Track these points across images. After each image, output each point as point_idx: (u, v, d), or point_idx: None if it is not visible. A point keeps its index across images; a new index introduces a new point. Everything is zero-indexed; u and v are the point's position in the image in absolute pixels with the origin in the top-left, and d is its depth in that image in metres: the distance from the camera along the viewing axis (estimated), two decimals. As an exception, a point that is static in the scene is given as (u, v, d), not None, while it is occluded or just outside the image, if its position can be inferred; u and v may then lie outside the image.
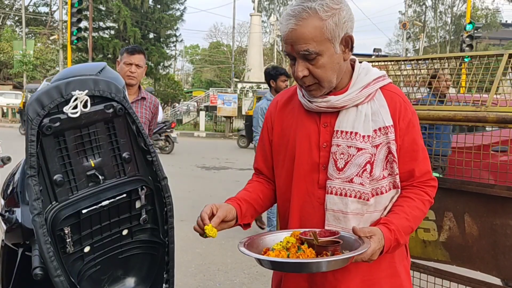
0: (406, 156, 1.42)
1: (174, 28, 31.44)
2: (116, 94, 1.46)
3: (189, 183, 8.92)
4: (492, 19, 44.23)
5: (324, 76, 1.36)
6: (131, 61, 3.20)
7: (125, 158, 1.51)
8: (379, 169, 1.40)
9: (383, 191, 1.40)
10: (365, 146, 1.39)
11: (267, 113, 1.60)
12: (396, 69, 3.01)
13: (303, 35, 1.31)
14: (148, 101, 3.34)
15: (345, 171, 1.39)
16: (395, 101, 1.43)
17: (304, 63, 1.35)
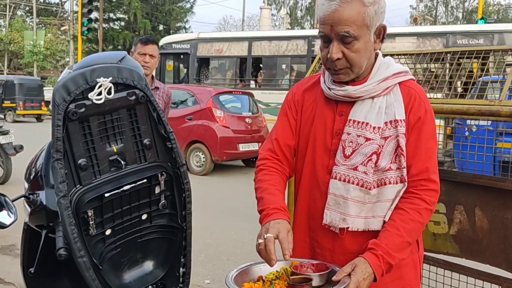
0: (407, 152, 1.42)
1: (184, 20, 31.50)
2: (139, 82, 1.50)
3: (197, 175, 8.98)
4: (504, 15, 43.73)
5: (357, 61, 1.39)
6: (145, 51, 3.25)
7: (146, 144, 1.55)
8: (386, 161, 1.41)
9: (387, 182, 1.41)
10: (374, 137, 1.41)
11: (291, 95, 1.62)
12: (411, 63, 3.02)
13: (346, 17, 1.34)
14: (161, 90, 3.39)
15: (351, 158, 1.43)
16: (410, 96, 1.44)
17: (339, 46, 1.37)
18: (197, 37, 14.61)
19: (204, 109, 8.87)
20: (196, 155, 8.96)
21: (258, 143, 9.36)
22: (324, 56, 1.43)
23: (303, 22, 44.73)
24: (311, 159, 1.53)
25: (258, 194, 1.50)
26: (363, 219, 1.44)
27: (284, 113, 1.60)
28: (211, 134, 8.78)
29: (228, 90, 10.26)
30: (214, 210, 6.38)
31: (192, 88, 9.59)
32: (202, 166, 8.95)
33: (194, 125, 8.87)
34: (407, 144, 1.42)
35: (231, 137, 8.88)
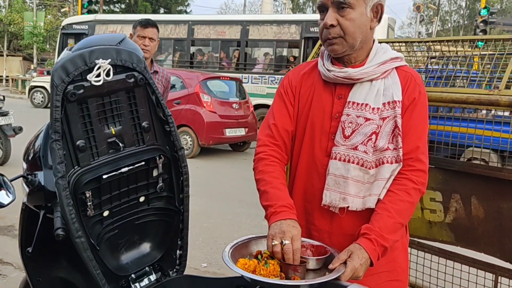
0: (401, 131, 1.45)
1: (185, 4, 31.23)
2: (138, 64, 1.50)
3: (196, 159, 9.01)
4: (508, 5, 43.40)
5: (351, 29, 1.42)
6: (145, 34, 3.23)
7: (144, 127, 1.55)
8: (384, 140, 1.44)
9: (385, 162, 1.44)
10: (373, 117, 1.44)
11: (287, 80, 1.63)
12: (409, 51, 3.01)
13: None
14: (160, 74, 3.39)
15: (351, 138, 1.45)
16: (406, 79, 1.48)
17: (335, 14, 1.42)
18: (95, 19, 15.86)
19: (192, 94, 9.02)
20: (183, 138, 9.09)
21: (245, 129, 9.52)
22: (321, 27, 1.47)
23: (305, 8, 44.38)
24: (309, 143, 1.54)
25: (261, 187, 1.50)
26: (361, 199, 1.47)
27: (281, 99, 1.60)
28: (198, 119, 8.95)
29: (217, 75, 10.40)
30: (211, 194, 6.41)
31: (181, 73, 9.69)
32: (189, 149, 9.07)
33: (182, 109, 9.02)
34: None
35: (218, 122, 9.05)
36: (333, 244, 1.45)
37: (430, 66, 2.86)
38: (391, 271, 1.51)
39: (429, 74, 2.76)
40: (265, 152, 1.56)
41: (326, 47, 1.50)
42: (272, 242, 1.33)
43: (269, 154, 1.55)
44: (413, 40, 2.95)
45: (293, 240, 1.33)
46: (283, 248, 1.31)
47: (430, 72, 2.75)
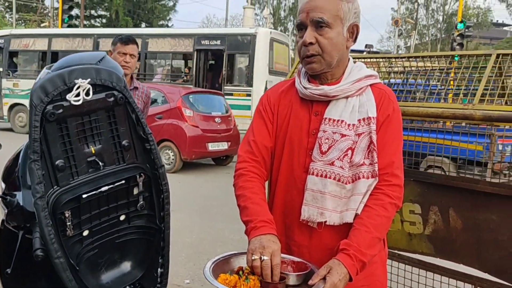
0: (376, 147, 1.49)
1: (166, 18, 31.32)
2: (117, 83, 1.51)
3: (179, 174, 8.97)
4: (483, 18, 44.58)
5: (328, 48, 1.47)
6: (125, 51, 3.23)
7: (125, 145, 1.56)
8: (360, 156, 1.48)
9: (361, 177, 1.47)
10: (349, 134, 1.48)
11: (266, 98, 1.67)
12: (387, 66, 3.08)
13: (321, 4, 1.46)
14: (140, 90, 3.39)
15: (328, 154, 1.49)
16: (381, 96, 1.53)
17: (313, 32, 1.47)
18: (10, 33, 16.43)
19: (174, 108, 9.05)
20: (166, 153, 9.09)
21: (228, 142, 9.57)
22: (299, 45, 1.51)
23: (286, 22, 44.86)
24: (288, 159, 1.57)
25: (241, 203, 1.52)
26: (339, 213, 1.49)
27: (260, 116, 1.63)
28: (180, 133, 8.96)
29: (199, 90, 10.56)
30: (193, 209, 6.38)
31: (162, 87, 9.76)
32: (171, 164, 9.06)
33: (164, 123, 9.04)
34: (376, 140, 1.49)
35: (200, 136, 9.08)
36: (312, 258, 1.47)
37: (392, 80, 2.96)
38: (370, 285, 1.53)
39: (392, 88, 2.84)
40: (245, 168, 1.58)
41: (304, 65, 1.54)
42: (252, 257, 1.35)
43: (249, 170, 1.57)
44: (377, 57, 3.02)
45: (272, 256, 1.34)
46: (261, 264, 1.32)
47: (393, 86, 2.84)
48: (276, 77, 12.97)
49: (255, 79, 12.69)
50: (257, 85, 12.49)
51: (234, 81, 13.38)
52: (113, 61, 1.72)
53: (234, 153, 9.97)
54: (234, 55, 13.35)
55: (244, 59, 13.12)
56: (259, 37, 12.68)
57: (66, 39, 15.53)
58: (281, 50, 13.78)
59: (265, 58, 12.75)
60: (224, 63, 13.27)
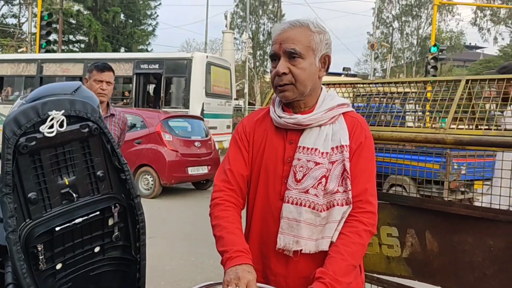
0: (350, 174, 1.51)
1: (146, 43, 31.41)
2: (92, 114, 1.51)
3: (158, 200, 8.89)
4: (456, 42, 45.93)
5: (301, 77, 1.50)
6: (102, 78, 3.22)
7: (99, 176, 1.55)
8: (334, 183, 1.50)
9: (335, 204, 1.49)
10: (323, 162, 1.50)
11: (241, 126, 1.69)
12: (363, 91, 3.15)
13: (293, 36, 1.50)
14: (117, 117, 3.37)
15: (303, 182, 1.51)
16: (353, 124, 1.57)
17: (286, 62, 1.51)
18: None
19: (153, 133, 9.01)
20: (145, 178, 9.02)
21: (208, 166, 9.54)
22: (273, 75, 1.55)
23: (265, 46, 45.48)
24: (264, 187, 1.59)
25: (217, 233, 1.52)
26: (314, 241, 1.50)
27: (236, 145, 1.65)
28: (160, 158, 8.89)
29: (178, 114, 10.53)
30: (173, 235, 6.31)
31: (142, 112, 9.73)
32: (150, 189, 8.99)
33: (143, 148, 8.98)
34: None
35: (180, 160, 9.01)
36: (289, 287, 1.47)
37: (355, 104, 3.05)
38: None
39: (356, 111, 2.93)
40: (220, 197, 1.58)
41: (278, 93, 1.57)
42: (227, 287, 1.34)
43: (224, 200, 1.58)
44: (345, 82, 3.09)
45: (247, 286, 1.34)
46: None
47: (356, 110, 2.93)
48: (214, 99, 13.46)
49: (191, 101, 13.04)
50: (194, 107, 12.84)
51: (172, 103, 13.67)
52: (88, 91, 1.72)
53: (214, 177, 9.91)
54: (171, 78, 13.81)
55: (181, 82, 13.53)
56: (195, 61, 13.15)
57: (11, 64, 15.97)
58: (220, 73, 14.26)
59: (201, 81, 13.12)
60: (162, 86, 13.69)
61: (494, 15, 41.20)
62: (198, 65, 13.06)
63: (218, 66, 14.11)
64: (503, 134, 2.23)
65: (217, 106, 13.69)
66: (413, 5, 45.14)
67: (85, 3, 27.88)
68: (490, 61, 45.78)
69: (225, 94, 14.34)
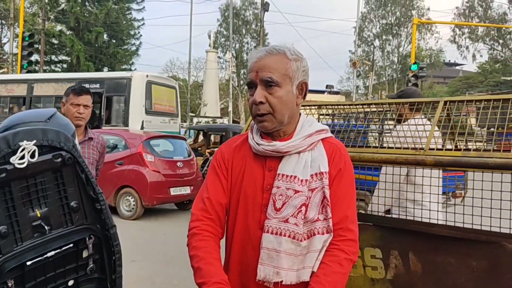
0: (330, 201, 1.49)
1: (129, 62, 31.38)
2: (65, 143, 1.47)
3: (140, 221, 8.77)
4: (436, 59, 46.88)
5: (279, 106, 1.49)
6: (79, 101, 3.16)
7: (73, 207, 1.50)
8: (314, 212, 1.48)
9: (316, 233, 1.47)
10: (302, 189, 1.48)
11: (220, 153, 1.66)
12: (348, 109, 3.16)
13: (270, 64, 1.48)
14: (95, 141, 3.31)
15: (282, 211, 1.48)
16: (332, 150, 1.55)
17: (263, 91, 1.49)
18: None
19: (135, 154, 8.93)
20: (126, 200, 8.92)
21: (190, 187, 9.48)
22: (250, 103, 1.53)
23: (248, 64, 45.77)
24: (243, 216, 1.56)
25: (195, 264, 1.49)
26: (295, 272, 1.47)
27: (214, 172, 1.62)
28: (141, 179, 8.79)
29: (160, 134, 10.49)
30: (156, 257, 6.21)
31: (123, 133, 9.68)
32: (132, 210, 8.87)
33: (125, 169, 8.89)
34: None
35: (162, 181, 8.93)
36: None
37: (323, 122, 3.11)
38: None
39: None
40: (198, 227, 1.55)
41: (256, 123, 1.56)
42: None
43: (202, 229, 1.54)
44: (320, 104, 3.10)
45: None
46: None
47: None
48: (155, 117, 13.78)
49: (130, 119, 13.30)
50: (133, 125, 13.08)
51: (112, 121, 13.86)
52: (63, 118, 1.69)
53: (197, 197, 9.86)
54: (112, 97, 14.06)
55: (121, 101, 13.86)
56: (134, 80, 13.55)
57: None
58: (163, 92, 14.65)
59: (140, 99, 13.42)
60: (103, 105, 13.96)
61: (472, 33, 42.23)
62: (138, 84, 13.47)
63: (160, 85, 14.50)
64: (482, 155, 2.25)
65: (159, 124, 13.93)
66: (393, 24, 46.08)
67: (68, 24, 27.82)
68: (469, 78, 46.79)
69: (169, 112, 14.71)
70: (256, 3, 42.20)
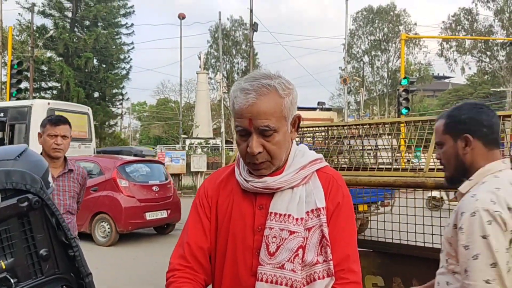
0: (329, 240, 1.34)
1: (120, 86, 31.34)
2: (32, 185, 1.32)
3: (116, 247, 8.63)
4: (425, 73, 47.37)
5: (277, 153, 1.33)
6: (56, 132, 3.00)
7: (43, 255, 1.35)
8: (312, 254, 1.32)
9: (316, 278, 1.31)
10: (298, 229, 1.32)
11: (202, 189, 1.50)
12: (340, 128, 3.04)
13: (264, 110, 1.29)
14: (75, 172, 3.15)
15: (277, 256, 1.32)
16: (328, 181, 1.40)
17: (259, 139, 1.31)
18: None
19: (109, 180, 8.89)
20: (101, 226, 8.84)
21: (167, 210, 9.42)
22: (243, 150, 1.35)
23: (239, 84, 45.85)
24: (232, 261, 1.38)
25: None
26: None
27: (196, 212, 1.46)
28: (116, 205, 8.75)
29: (135, 159, 10.50)
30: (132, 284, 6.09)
31: (98, 159, 9.66)
32: (107, 237, 8.76)
33: (99, 196, 8.83)
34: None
35: (137, 206, 8.86)
36: None
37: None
38: None
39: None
40: (174, 275, 1.39)
41: (251, 169, 1.38)
42: None
43: (179, 276, 1.38)
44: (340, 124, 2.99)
45: None
46: None
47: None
48: None
49: (30, 145, 13.73)
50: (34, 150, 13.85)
51: None
52: (35, 155, 1.55)
53: (175, 220, 9.83)
54: (14, 125, 14.59)
55: (22, 128, 14.35)
56: (35, 107, 14.20)
57: None
58: (71, 118, 14.87)
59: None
60: (6, 133, 14.56)
61: (459, 46, 42.75)
62: (38, 112, 13.83)
63: (66, 111, 14.66)
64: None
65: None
66: (381, 40, 46.63)
67: (57, 50, 27.76)
68: (459, 90, 47.24)
69: (79, 137, 14.99)
70: (246, 24, 42.56)
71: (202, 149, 23.05)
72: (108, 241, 8.70)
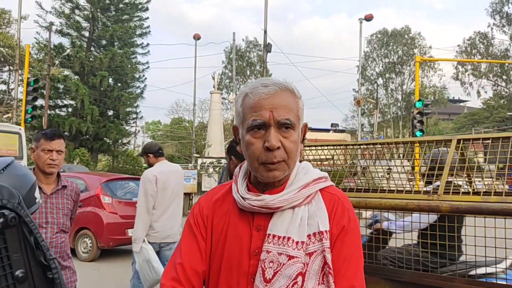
0: (332, 268, 1.21)
1: (134, 105, 31.59)
2: (9, 200, 1.23)
3: (97, 263, 8.68)
4: (440, 96, 47.03)
5: (294, 152, 1.24)
6: (51, 147, 2.89)
7: (18, 276, 1.24)
8: (313, 282, 1.19)
9: None
10: (298, 254, 1.19)
11: (198, 208, 1.39)
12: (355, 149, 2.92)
13: (286, 103, 1.22)
14: (69, 189, 3.04)
15: (273, 283, 1.18)
16: (333, 203, 1.27)
17: (277, 134, 1.21)
18: None
19: (93, 196, 9.04)
20: (83, 241, 8.98)
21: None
22: (257, 149, 1.22)
23: (253, 105, 46.01)
24: (226, 286, 1.26)
25: None
26: None
27: (191, 231, 1.34)
28: (98, 221, 8.90)
29: (120, 176, 10.57)
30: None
31: (84, 176, 9.81)
32: (88, 252, 8.88)
33: (83, 212, 8.94)
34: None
35: (119, 223, 8.96)
36: None
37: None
38: None
39: None
40: None
41: (263, 171, 1.24)
42: None
43: None
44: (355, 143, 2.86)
45: None
46: None
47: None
48: None
49: None
50: None
51: None
52: (21, 168, 1.45)
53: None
54: None
55: None
56: None
57: None
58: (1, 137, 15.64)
59: None
60: None
61: (475, 69, 42.47)
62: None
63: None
64: (505, 201, 1.97)
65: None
66: (396, 63, 46.54)
67: (73, 68, 28.15)
68: (474, 114, 46.74)
69: (8, 155, 15.65)
70: (260, 45, 42.88)
71: (214, 168, 22.92)
72: (89, 256, 8.82)
